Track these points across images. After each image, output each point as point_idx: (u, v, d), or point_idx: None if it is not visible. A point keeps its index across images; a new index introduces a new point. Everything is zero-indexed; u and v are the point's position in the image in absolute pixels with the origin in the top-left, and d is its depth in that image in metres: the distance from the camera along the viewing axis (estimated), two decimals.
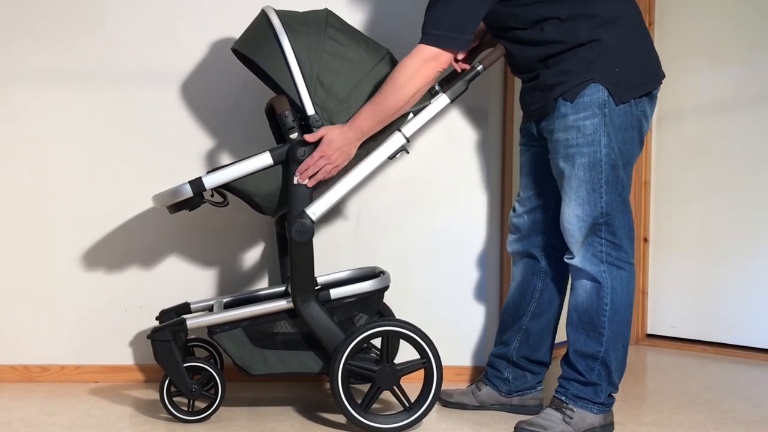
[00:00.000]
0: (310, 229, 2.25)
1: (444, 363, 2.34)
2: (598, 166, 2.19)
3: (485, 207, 2.83)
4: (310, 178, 2.25)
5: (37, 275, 2.81)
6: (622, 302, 2.26)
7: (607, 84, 2.17)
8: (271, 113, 2.47)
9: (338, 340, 2.26)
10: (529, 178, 2.44)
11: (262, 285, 2.84)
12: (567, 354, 2.32)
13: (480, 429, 2.34)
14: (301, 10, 2.39)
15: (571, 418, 2.25)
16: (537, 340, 2.47)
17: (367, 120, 2.23)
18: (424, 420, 2.33)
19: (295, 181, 2.24)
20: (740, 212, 3.37)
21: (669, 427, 2.36)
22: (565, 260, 2.31)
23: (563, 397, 2.29)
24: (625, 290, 2.27)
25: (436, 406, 2.51)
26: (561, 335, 2.59)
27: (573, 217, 2.24)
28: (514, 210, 2.49)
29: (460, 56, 2.40)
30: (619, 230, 2.25)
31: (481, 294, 2.84)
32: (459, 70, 2.41)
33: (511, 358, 2.49)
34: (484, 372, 2.58)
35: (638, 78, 2.22)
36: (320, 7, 2.46)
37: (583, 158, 2.20)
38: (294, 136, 2.25)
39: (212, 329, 2.33)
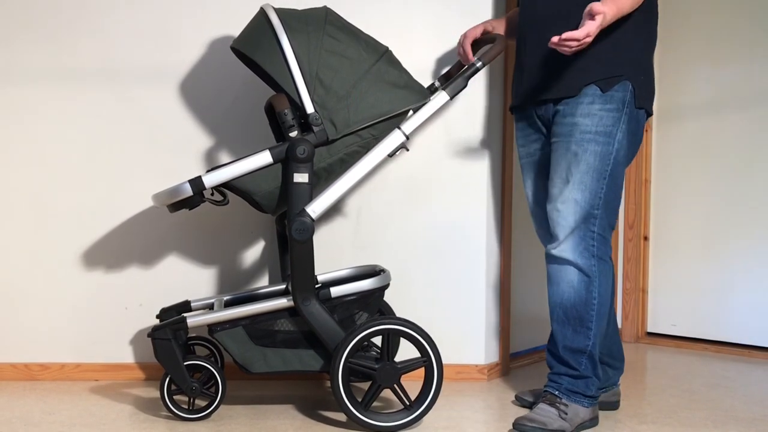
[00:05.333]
0: (310, 227, 2.24)
1: (444, 361, 2.34)
2: (607, 158, 2.23)
3: (485, 205, 2.83)
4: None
5: (38, 274, 2.81)
6: (607, 296, 2.30)
7: (634, 85, 2.24)
8: (271, 111, 2.47)
9: (339, 339, 2.26)
10: (544, 184, 2.44)
11: (263, 283, 2.84)
12: (556, 350, 2.32)
13: (479, 427, 2.34)
14: (300, 8, 2.39)
15: (566, 413, 2.25)
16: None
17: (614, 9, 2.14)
18: (424, 418, 2.33)
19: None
20: (740, 210, 3.37)
21: (669, 426, 2.36)
22: (552, 252, 2.30)
23: (556, 392, 2.29)
24: (608, 284, 2.30)
25: (436, 405, 2.51)
26: (544, 336, 2.58)
27: (571, 200, 2.25)
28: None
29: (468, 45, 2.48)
30: (607, 225, 2.29)
31: (481, 292, 2.84)
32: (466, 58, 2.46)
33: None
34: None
35: (650, 92, 2.32)
36: (319, 5, 2.47)
37: (597, 146, 2.23)
38: (293, 134, 2.25)
39: (213, 327, 2.33)
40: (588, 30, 2.03)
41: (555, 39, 2.04)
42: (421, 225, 2.83)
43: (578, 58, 2.23)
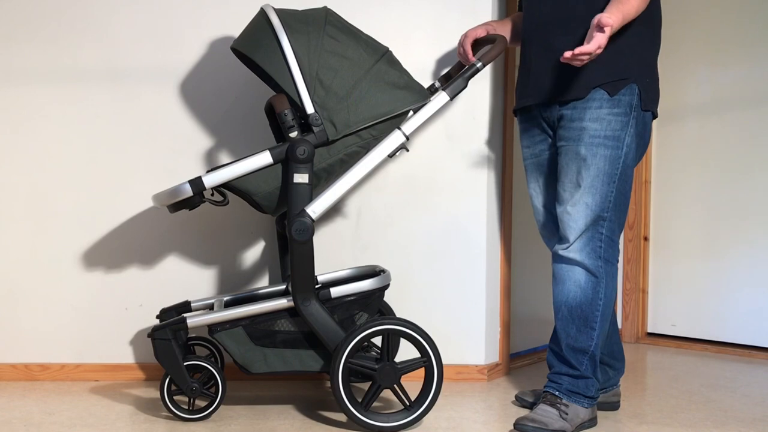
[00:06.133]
0: (310, 227, 2.25)
1: (444, 361, 2.34)
2: (617, 162, 2.25)
3: (485, 205, 2.83)
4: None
5: (38, 274, 2.81)
6: (611, 298, 2.31)
7: (640, 88, 2.25)
8: (271, 112, 2.47)
9: (339, 339, 2.26)
10: (549, 184, 2.44)
11: (263, 283, 2.84)
12: (559, 348, 2.33)
13: (480, 427, 2.34)
14: (300, 9, 2.39)
15: (567, 413, 2.26)
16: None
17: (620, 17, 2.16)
18: (425, 419, 2.33)
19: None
20: (740, 211, 3.37)
21: (669, 426, 2.36)
22: (560, 253, 2.31)
23: (556, 392, 2.30)
24: (613, 286, 2.32)
25: (436, 405, 2.51)
26: (544, 336, 2.59)
27: (581, 203, 2.26)
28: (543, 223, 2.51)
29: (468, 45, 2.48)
30: (616, 228, 2.30)
31: (481, 292, 2.84)
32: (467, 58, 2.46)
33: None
34: None
35: (655, 95, 2.32)
36: (319, 5, 2.47)
37: (607, 150, 2.24)
38: (293, 134, 2.25)
39: (213, 328, 2.33)
40: (599, 43, 2.05)
41: (568, 54, 2.05)
42: (421, 225, 2.83)
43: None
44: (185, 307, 2.57)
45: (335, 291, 2.33)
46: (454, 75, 2.59)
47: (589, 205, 2.26)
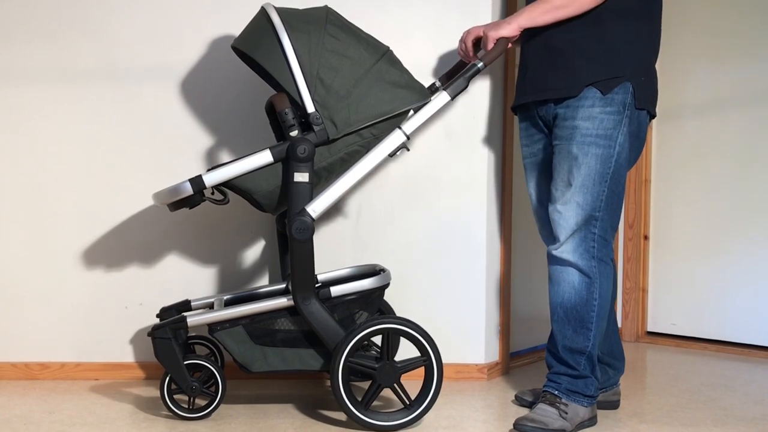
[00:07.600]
0: (311, 226, 2.25)
1: (444, 360, 2.34)
2: (609, 161, 2.24)
3: (485, 204, 2.83)
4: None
5: (38, 273, 2.81)
6: (607, 297, 2.31)
7: (635, 86, 2.24)
8: (272, 111, 2.47)
9: (339, 338, 2.26)
10: (546, 183, 2.44)
11: (263, 282, 2.84)
12: (556, 349, 2.33)
13: (480, 426, 2.34)
14: (301, 8, 2.39)
15: (566, 413, 2.26)
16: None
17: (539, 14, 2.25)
18: (424, 418, 2.33)
19: None
20: (740, 210, 3.37)
21: (669, 425, 2.36)
22: (553, 253, 2.31)
23: (556, 392, 2.30)
24: (609, 286, 2.31)
25: (436, 404, 2.51)
26: (544, 335, 2.59)
27: (572, 202, 2.25)
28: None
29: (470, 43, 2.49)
30: (609, 227, 2.29)
31: (481, 291, 2.84)
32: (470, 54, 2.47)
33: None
34: None
35: (651, 94, 2.31)
36: (320, 4, 2.47)
37: (599, 149, 2.23)
38: (294, 133, 2.25)
39: (213, 327, 2.33)
40: None
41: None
42: (421, 224, 2.83)
43: (579, 59, 2.24)
44: (185, 305, 2.57)
45: (335, 290, 2.33)
46: (454, 74, 2.59)
47: (580, 204, 2.25)
